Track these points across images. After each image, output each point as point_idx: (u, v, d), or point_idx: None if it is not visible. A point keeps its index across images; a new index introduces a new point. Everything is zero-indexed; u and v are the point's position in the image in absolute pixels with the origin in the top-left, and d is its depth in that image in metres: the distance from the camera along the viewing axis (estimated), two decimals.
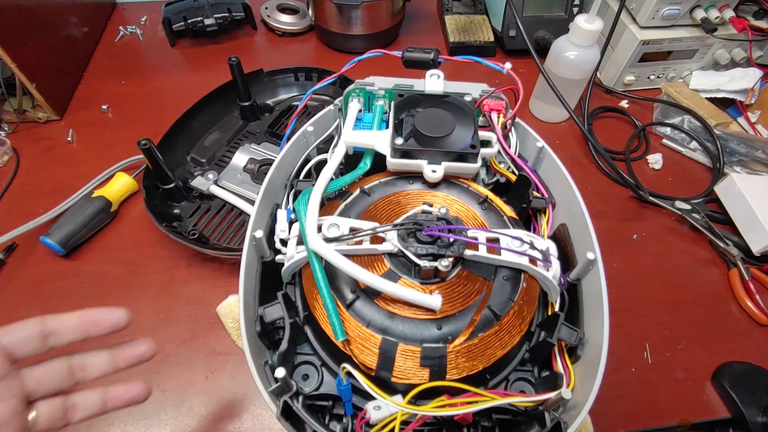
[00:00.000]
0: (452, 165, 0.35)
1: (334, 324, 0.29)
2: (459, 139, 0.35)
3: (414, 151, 0.35)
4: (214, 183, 0.62)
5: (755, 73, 0.75)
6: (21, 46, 0.65)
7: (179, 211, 0.61)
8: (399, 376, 0.29)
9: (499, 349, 0.30)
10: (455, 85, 0.40)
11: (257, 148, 0.67)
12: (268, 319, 0.31)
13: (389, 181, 0.37)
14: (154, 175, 0.58)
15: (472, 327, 0.29)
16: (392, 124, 0.36)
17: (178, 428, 0.47)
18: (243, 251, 0.33)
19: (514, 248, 0.31)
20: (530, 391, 0.32)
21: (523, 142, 0.41)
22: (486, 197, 0.36)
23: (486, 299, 0.30)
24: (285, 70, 0.75)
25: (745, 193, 0.59)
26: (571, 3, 0.79)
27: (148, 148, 0.54)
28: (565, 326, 0.31)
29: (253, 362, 0.30)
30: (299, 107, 0.44)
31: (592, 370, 0.30)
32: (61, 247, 0.56)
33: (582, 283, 0.35)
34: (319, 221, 0.32)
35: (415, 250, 0.30)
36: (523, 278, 0.32)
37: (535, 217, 0.38)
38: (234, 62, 0.65)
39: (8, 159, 0.68)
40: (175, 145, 0.65)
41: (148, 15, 0.92)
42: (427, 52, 0.39)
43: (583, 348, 0.32)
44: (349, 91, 0.40)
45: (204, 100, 0.69)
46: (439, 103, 0.38)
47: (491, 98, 0.39)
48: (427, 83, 0.39)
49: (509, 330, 0.30)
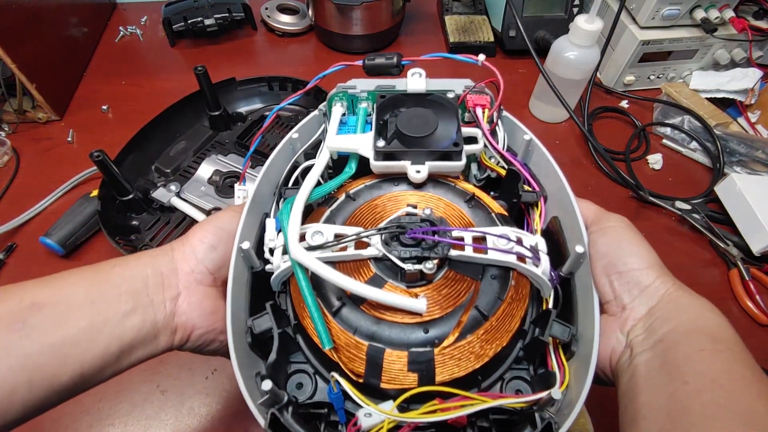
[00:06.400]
0: (436, 164, 0.35)
1: (320, 332, 0.29)
2: (443, 138, 0.35)
3: (397, 153, 0.35)
4: (176, 195, 0.60)
5: (755, 73, 0.75)
6: (21, 46, 0.65)
7: (138, 222, 0.59)
8: (388, 382, 0.28)
9: (489, 349, 0.29)
10: (438, 82, 0.39)
11: (224, 159, 0.65)
12: (257, 330, 0.31)
13: (374, 184, 0.36)
14: (111, 186, 0.57)
15: (459, 329, 0.29)
16: (375, 126, 0.36)
17: (179, 428, 0.47)
18: (230, 263, 0.32)
19: (501, 247, 0.30)
20: (526, 390, 0.32)
21: (512, 136, 0.40)
22: (473, 195, 0.35)
23: (473, 300, 0.30)
24: (258, 80, 0.74)
25: (745, 193, 0.59)
26: (571, 3, 0.80)
27: (101, 160, 0.52)
28: (557, 323, 0.30)
29: (241, 374, 0.29)
30: (263, 126, 0.43)
31: (584, 366, 0.29)
32: (61, 247, 0.56)
33: (575, 277, 0.34)
34: (304, 229, 0.32)
35: (399, 253, 0.30)
36: (512, 276, 0.31)
37: (527, 211, 0.37)
38: (200, 71, 0.62)
39: (8, 159, 0.68)
40: (140, 153, 0.64)
41: (148, 15, 0.92)
42: (389, 58, 0.39)
43: (577, 344, 0.31)
44: (332, 96, 0.39)
45: (173, 108, 0.67)
46: (422, 101, 0.37)
47: (475, 93, 0.38)
48: (409, 82, 0.39)
49: (498, 329, 0.30)
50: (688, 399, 0.25)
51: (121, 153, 0.62)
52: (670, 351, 0.27)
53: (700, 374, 0.25)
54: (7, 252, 0.58)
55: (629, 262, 0.31)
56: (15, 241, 0.59)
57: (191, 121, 0.70)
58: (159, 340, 0.31)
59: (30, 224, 0.61)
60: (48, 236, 0.56)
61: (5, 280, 0.57)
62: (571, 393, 0.30)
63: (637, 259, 0.31)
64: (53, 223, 0.57)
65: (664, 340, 0.28)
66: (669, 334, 0.28)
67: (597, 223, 0.33)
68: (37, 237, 0.56)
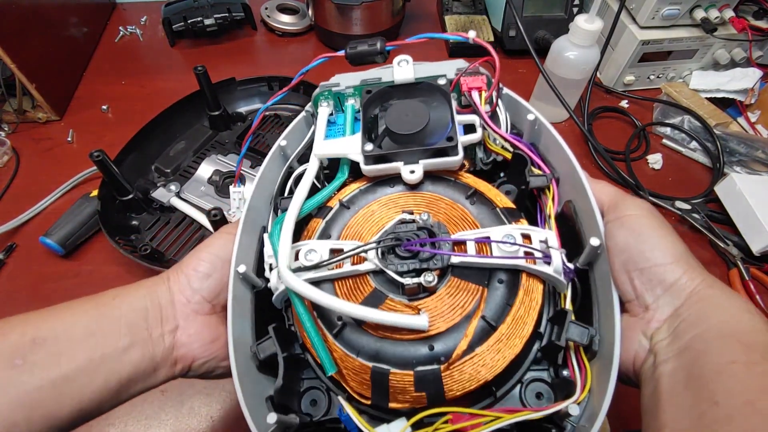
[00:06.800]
0: (431, 162, 0.32)
1: (322, 359, 0.28)
2: (436, 131, 0.32)
3: (388, 154, 0.32)
4: (176, 195, 0.60)
5: (755, 73, 0.75)
6: (21, 46, 0.65)
7: (138, 222, 0.59)
8: (396, 403, 0.28)
9: (501, 359, 0.27)
10: (427, 67, 0.35)
11: (224, 159, 0.65)
12: (263, 356, 0.30)
13: (368, 188, 0.34)
14: (111, 186, 0.57)
15: (466, 342, 0.27)
16: (362, 126, 0.34)
17: (179, 428, 0.47)
18: (228, 288, 0.31)
19: (505, 248, 0.28)
20: (548, 393, 0.30)
21: (516, 115, 0.37)
22: (474, 190, 0.32)
23: (480, 309, 0.28)
24: (258, 79, 0.74)
25: (745, 193, 0.59)
26: (571, 3, 0.79)
27: (101, 160, 0.52)
28: (574, 325, 0.28)
29: (246, 404, 0.28)
30: (251, 128, 0.41)
31: (606, 372, 0.27)
32: (61, 247, 0.56)
33: (594, 270, 0.31)
34: (298, 246, 0.30)
35: (396, 267, 0.28)
36: (522, 277, 0.29)
37: (539, 196, 0.34)
38: (200, 71, 0.62)
39: (8, 159, 0.68)
40: (140, 154, 0.64)
41: (148, 15, 0.92)
42: (372, 44, 0.35)
43: (598, 344, 0.28)
44: (316, 96, 0.37)
45: (172, 108, 0.67)
46: (411, 91, 0.34)
47: (470, 75, 0.34)
48: (396, 72, 0.35)
49: (510, 337, 0.28)
50: (717, 425, 0.21)
51: (121, 153, 0.62)
52: (697, 362, 0.24)
53: (731, 393, 0.22)
54: (7, 252, 0.58)
55: (651, 256, 0.27)
56: (15, 241, 0.60)
57: (191, 121, 0.69)
58: (158, 373, 0.31)
59: (30, 224, 0.62)
60: (48, 236, 0.56)
61: (5, 280, 0.57)
62: (593, 398, 0.27)
63: (660, 253, 0.27)
64: (53, 223, 0.57)
65: (690, 347, 0.24)
66: (696, 340, 0.24)
67: (614, 210, 0.30)
68: (37, 237, 0.56)
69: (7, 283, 0.56)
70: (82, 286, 0.56)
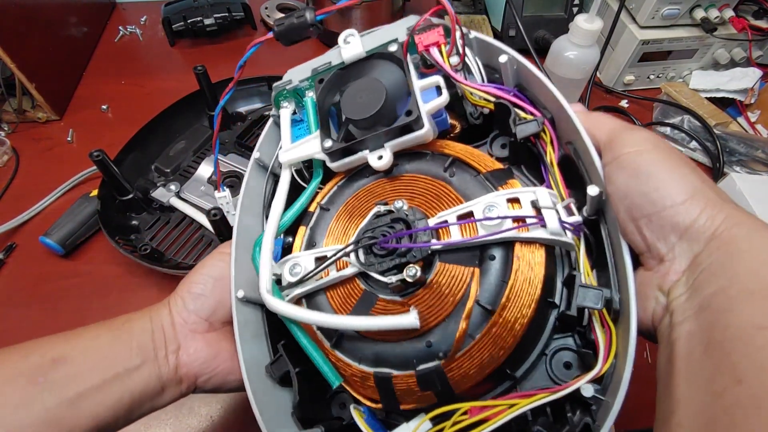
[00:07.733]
0: (398, 141, 0.29)
1: (325, 372, 0.28)
2: (400, 105, 0.29)
3: (352, 145, 0.30)
4: (176, 195, 0.60)
5: (755, 72, 0.75)
6: (21, 45, 0.65)
7: (138, 222, 0.59)
8: (407, 404, 0.27)
9: (507, 341, 0.25)
10: (376, 35, 0.32)
11: (224, 159, 0.65)
12: (277, 376, 0.30)
13: (344, 183, 0.32)
14: (111, 186, 0.57)
15: (462, 332, 0.25)
16: (320, 121, 0.31)
17: (179, 428, 0.47)
18: (233, 314, 0.32)
19: (489, 222, 0.25)
20: (575, 362, 0.27)
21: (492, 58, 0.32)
22: (452, 159, 0.29)
23: (473, 293, 0.25)
24: (257, 79, 0.74)
25: (744, 193, 0.59)
26: (571, 3, 0.79)
27: (101, 160, 0.52)
28: (584, 289, 0.24)
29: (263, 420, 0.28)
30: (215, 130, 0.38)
31: (626, 334, 0.23)
32: (61, 246, 0.56)
33: (606, 219, 0.27)
34: (285, 261, 0.30)
35: (376, 267, 0.26)
36: (516, 247, 0.26)
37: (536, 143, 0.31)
38: (200, 71, 0.62)
39: (8, 159, 0.68)
40: (140, 153, 0.64)
41: (148, 15, 0.92)
42: (300, 15, 0.31)
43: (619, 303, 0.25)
44: (275, 99, 0.35)
45: (172, 107, 0.67)
46: (366, 68, 0.31)
47: (423, 32, 0.30)
48: (343, 51, 0.31)
49: (511, 318, 0.25)
50: (740, 410, 0.17)
51: (120, 153, 0.61)
52: (717, 325, 0.19)
53: (760, 369, 0.17)
54: (7, 252, 0.58)
55: (658, 198, 0.23)
56: (15, 241, 0.59)
57: (191, 121, 0.69)
58: (166, 392, 0.32)
59: (30, 224, 0.61)
60: (48, 236, 0.56)
61: (5, 280, 0.57)
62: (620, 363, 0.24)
63: (668, 193, 0.23)
64: (53, 223, 0.57)
65: (711, 305, 0.20)
66: (718, 296, 0.20)
67: (611, 148, 0.25)
68: (36, 237, 0.56)
69: (7, 283, 0.56)
70: (82, 286, 0.56)
